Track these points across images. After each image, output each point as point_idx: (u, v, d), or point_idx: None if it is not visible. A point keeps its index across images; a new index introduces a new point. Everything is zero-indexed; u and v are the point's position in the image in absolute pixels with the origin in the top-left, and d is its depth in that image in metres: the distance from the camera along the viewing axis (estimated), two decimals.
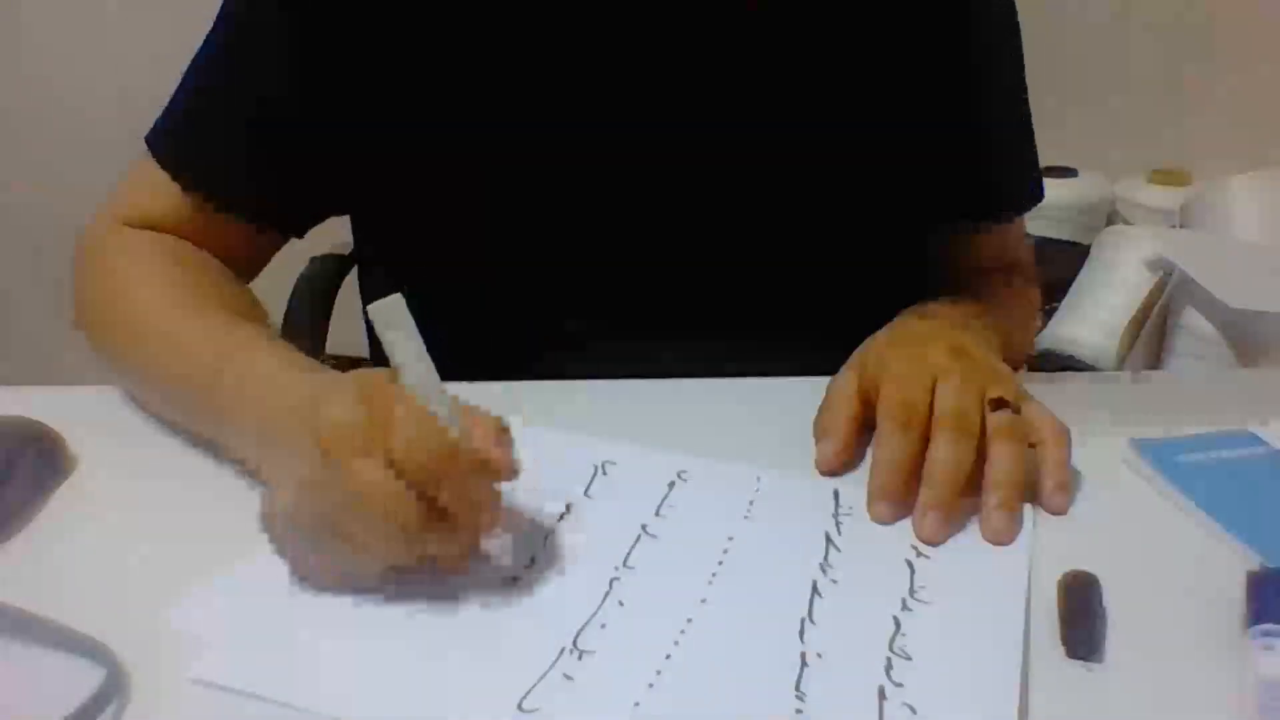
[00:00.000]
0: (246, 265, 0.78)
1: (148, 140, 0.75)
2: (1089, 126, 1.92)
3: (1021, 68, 0.82)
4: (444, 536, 0.49)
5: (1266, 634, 0.46)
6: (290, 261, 1.03)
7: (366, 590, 0.51)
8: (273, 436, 0.54)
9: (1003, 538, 0.56)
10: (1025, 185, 0.87)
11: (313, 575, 0.51)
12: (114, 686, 0.45)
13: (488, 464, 0.50)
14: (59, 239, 0.74)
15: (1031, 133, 0.85)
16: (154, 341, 0.65)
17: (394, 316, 0.49)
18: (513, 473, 0.51)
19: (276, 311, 1.03)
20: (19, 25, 1.79)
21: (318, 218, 0.79)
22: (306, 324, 1.04)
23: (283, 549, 0.52)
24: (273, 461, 0.54)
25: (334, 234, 0.97)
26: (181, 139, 0.74)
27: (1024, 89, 0.83)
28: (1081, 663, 0.48)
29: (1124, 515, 0.60)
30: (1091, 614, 0.50)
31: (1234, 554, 0.55)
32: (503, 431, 0.51)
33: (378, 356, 0.55)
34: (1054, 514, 0.59)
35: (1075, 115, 1.89)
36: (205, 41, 0.74)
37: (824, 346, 0.69)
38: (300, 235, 0.79)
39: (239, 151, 0.73)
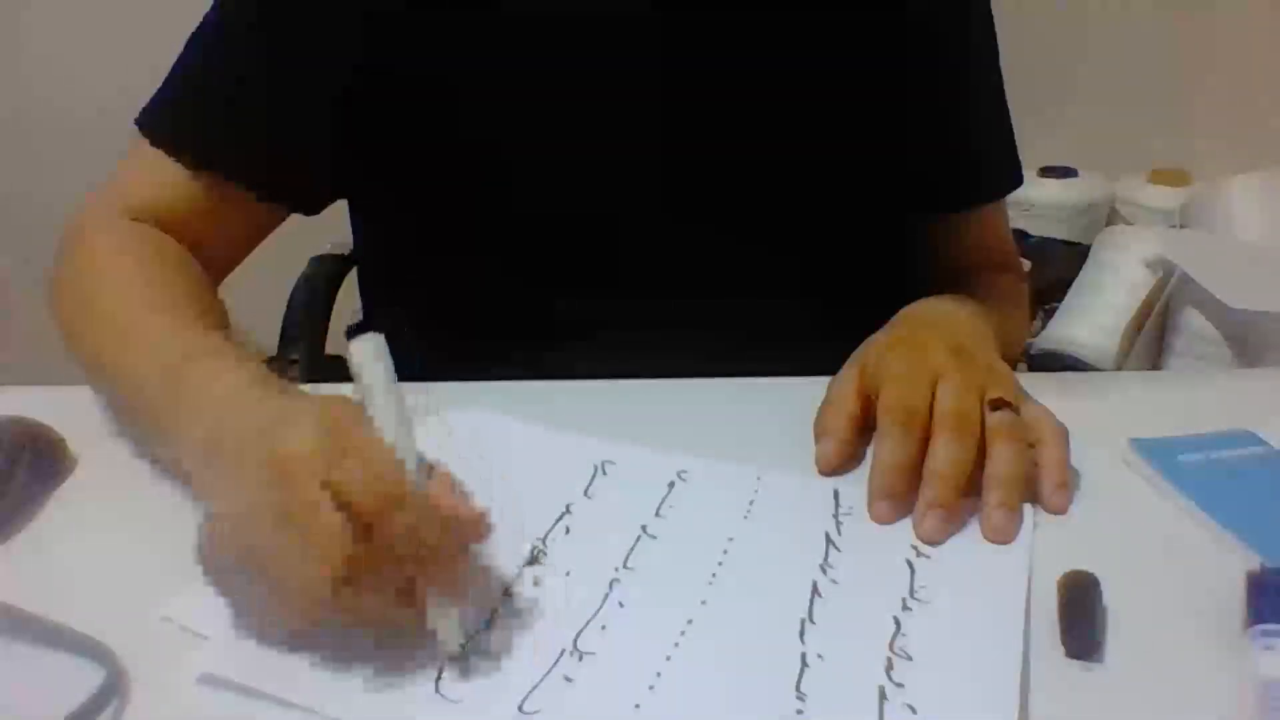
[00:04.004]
0: (244, 245, 0.77)
1: (138, 122, 0.74)
2: (1089, 126, 1.92)
3: (996, 58, 0.84)
4: (375, 584, 0.45)
5: (1266, 634, 0.46)
6: (290, 261, 1.04)
7: (299, 640, 0.47)
8: (221, 453, 0.50)
9: (1003, 536, 0.56)
10: (1004, 169, 0.88)
11: (243, 614, 0.48)
12: (114, 686, 0.45)
13: (456, 517, 0.46)
14: (59, 240, 0.73)
15: (1009, 120, 0.87)
16: (120, 334, 0.63)
17: (372, 356, 0.47)
18: (486, 529, 0.46)
19: (276, 311, 1.04)
20: (19, 26, 1.79)
21: (322, 189, 0.78)
22: (306, 324, 1.04)
23: (217, 581, 0.47)
24: (214, 480, 0.50)
25: (334, 234, 0.98)
26: (178, 113, 0.73)
27: (1000, 79, 0.85)
28: (1081, 663, 0.48)
29: (1124, 515, 0.59)
30: (1091, 614, 0.50)
31: (1234, 554, 0.55)
32: (464, 491, 0.47)
33: None
34: (1054, 514, 0.59)
35: (1075, 115, 1.89)
36: (200, 24, 0.74)
37: (817, 334, 0.69)
38: (305, 209, 0.78)
39: (238, 120, 0.73)
